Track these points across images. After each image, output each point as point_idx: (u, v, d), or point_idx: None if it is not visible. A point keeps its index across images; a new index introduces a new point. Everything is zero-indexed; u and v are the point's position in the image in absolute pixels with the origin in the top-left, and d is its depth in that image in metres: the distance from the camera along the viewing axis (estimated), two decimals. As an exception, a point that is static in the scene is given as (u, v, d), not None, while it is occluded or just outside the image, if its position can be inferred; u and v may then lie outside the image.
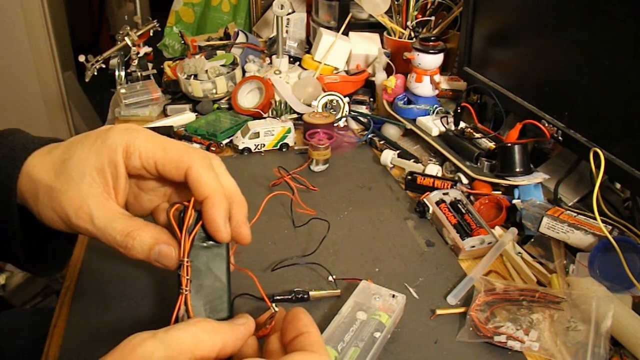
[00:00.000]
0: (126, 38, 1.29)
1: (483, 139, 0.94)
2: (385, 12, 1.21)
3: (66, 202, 0.40)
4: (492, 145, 0.92)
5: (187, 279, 0.39)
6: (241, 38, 1.39)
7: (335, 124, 1.09)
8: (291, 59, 1.35)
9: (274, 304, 0.42)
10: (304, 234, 0.78)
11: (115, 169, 0.41)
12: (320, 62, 1.26)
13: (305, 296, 0.65)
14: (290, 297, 0.65)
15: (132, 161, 0.41)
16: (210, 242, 0.41)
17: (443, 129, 1.00)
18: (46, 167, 0.42)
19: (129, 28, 1.31)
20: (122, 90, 1.22)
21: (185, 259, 0.40)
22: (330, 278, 0.69)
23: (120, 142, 0.41)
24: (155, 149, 0.42)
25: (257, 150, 1.03)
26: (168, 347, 0.31)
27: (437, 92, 1.07)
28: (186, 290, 0.39)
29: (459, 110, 1.01)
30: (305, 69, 1.28)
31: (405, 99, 1.10)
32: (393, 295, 0.62)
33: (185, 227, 0.40)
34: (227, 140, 1.06)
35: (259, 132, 1.02)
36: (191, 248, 0.40)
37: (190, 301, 0.39)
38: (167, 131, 1.05)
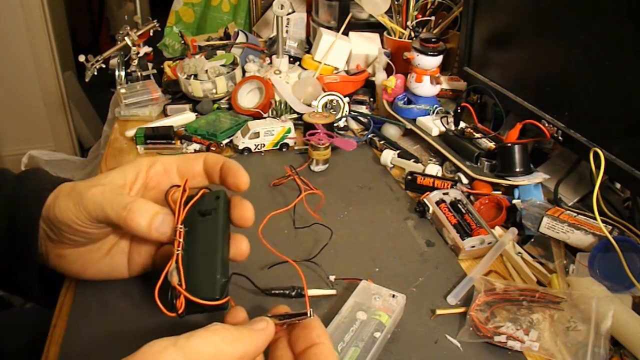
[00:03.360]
0: (126, 38, 1.29)
1: (483, 139, 0.94)
2: (385, 12, 1.21)
3: (85, 190, 0.46)
4: (492, 145, 0.92)
5: (180, 241, 0.44)
6: (241, 38, 1.39)
7: (335, 124, 1.09)
8: (291, 59, 1.35)
9: (311, 310, 0.43)
10: (305, 235, 0.78)
11: (136, 175, 0.48)
12: (320, 62, 1.26)
13: (303, 292, 0.64)
14: (287, 292, 0.64)
15: (155, 168, 0.49)
16: (208, 217, 0.46)
17: (443, 129, 1.00)
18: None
19: (129, 28, 1.31)
20: (122, 90, 1.22)
21: (179, 225, 0.45)
22: (330, 277, 0.69)
23: (146, 161, 0.50)
24: (173, 159, 0.51)
25: (257, 150, 1.03)
26: (189, 358, 0.31)
27: (438, 87, 1.07)
28: (178, 250, 0.44)
29: (459, 110, 1.01)
30: (305, 69, 1.28)
31: (405, 99, 1.10)
32: (393, 295, 0.62)
33: (180, 200, 0.46)
34: (227, 140, 1.06)
35: (259, 132, 1.02)
36: (185, 219, 0.46)
37: (182, 262, 0.43)
38: (167, 131, 1.05)
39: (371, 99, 1.21)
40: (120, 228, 0.45)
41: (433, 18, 1.21)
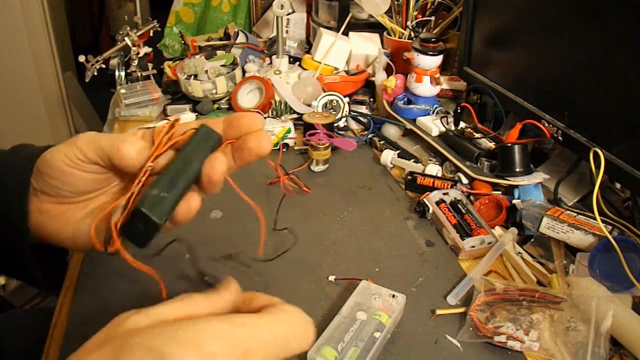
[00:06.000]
0: (126, 38, 1.29)
1: (483, 139, 0.94)
2: (385, 12, 1.20)
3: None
4: (492, 145, 0.92)
5: (141, 180, 0.42)
6: (241, 38, 1.39)
7: (335, 124, 1.09)
8: (291, 59, 1.35)
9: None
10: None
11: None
12: (320, 62, 1.26)
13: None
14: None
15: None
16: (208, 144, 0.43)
17: (443, 129, 1.00)
18: None
19: (129, 28, 1.31)
20: (122, 91, 1.22)
21: (148, 163, 0.43)
22: (330, 278, 0.69)
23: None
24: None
25: (257, 150, 1.03)
26: (151, 318, 0.33)
27: (438, 88, 1.07)
28: (134, 189, 0.42)
29: (459, 110, 1.01)
30: (305, 69, 1.28)
31: (405, 99, 1.10)
32: (393, 295, 0.62)
33: (162, 137, 0.44)
34: (227, 141, 1.06)
35: (259, 132, 1.01)
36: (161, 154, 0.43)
37: (138, 197, 0.41)
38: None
39: (371, 99, 1.21)
40: (109, 172, 0.45)
41: (433, 18, 1.21)
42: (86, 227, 0.45)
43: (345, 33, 1.30)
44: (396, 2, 1.21)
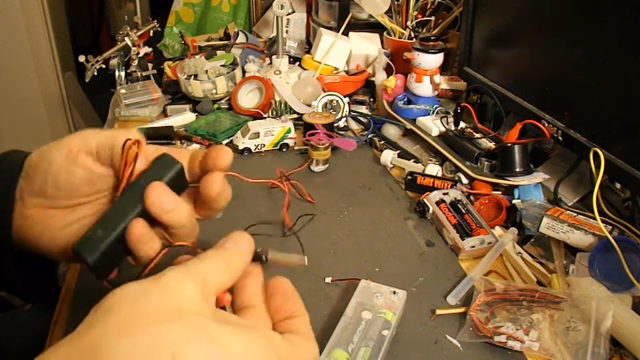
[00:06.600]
0: (126, 38, 1.29)
1: (483, 139, 0.94)
2: (385, 12, 1.20)
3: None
4: (492, 145, 0.92)
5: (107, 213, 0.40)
6: (241, 38, 1.39)
7: (335, 124, 1.09)
8: (291, 59, 1.35)
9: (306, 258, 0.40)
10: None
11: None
12: (320, 62, 1.26)
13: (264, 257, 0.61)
14: None
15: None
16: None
17: (443, 129, 1.00)
18: None
19: (129, 28, 1.31)
20: (122, 91, 1.22)
21: (117, 193, 0.40)
22: (327, 280, 0.69)
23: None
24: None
25: (257, 150, 1.03)
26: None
27: (436, 92, 1.07)
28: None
29: (459, 110, 1.01)
30: (305, 69, 1.27)
31: (405, 99, 1.10)
32: (394, 292, 0.62)
33: (127, 164, 0.40)
34: (227, 141, 1.06)
35: (259, 132, 1.02)
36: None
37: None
38: (167, 131, 1.05)
39: (371, 99, 1.21)
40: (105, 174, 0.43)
41: (433, 18, 1.21)
42: (66, 236, 0.44)
43: (345, 33, 1.30)
44: (396, 2, 1.21)
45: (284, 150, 1.04)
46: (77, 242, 0.38)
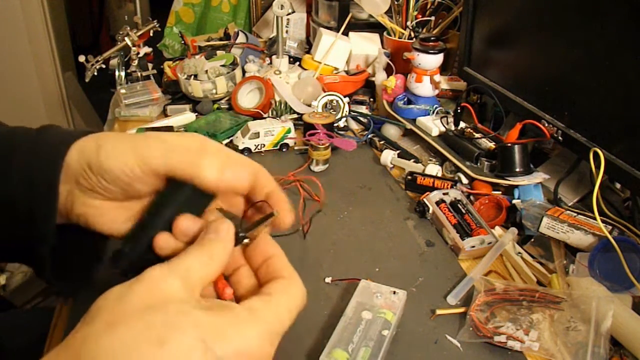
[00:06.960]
0: (126, 38, 1.29)
1: (483, 139, 0.94)
2: (385, 12, 1.20)
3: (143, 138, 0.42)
4: (492, 145, 0.92)
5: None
6: (241, 38, 1.39)
7: (335, 124, 1.09)
8: (291, 59, 1.35)
9: (275, 210, 0.40)
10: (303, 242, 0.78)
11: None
12: (320, 62, 1.26)
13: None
14: None
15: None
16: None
17: (443, 129, 1.00)
18: None
19: (129, 28, 1.31)
20: (122, 91, 1.22)
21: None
22: (326, 280, 0.69)
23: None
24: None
25: (257, 150, 1.03)
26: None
27: (437, 92, 1.07)
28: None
29: (459, 110, 1.01)
30: (305, 69, 1.27)
31: (405, 99, 1.10)
32: (394, 292, 0.62)
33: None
34: (227, 141, 1.06)
35: (259, 132, 1.02)
36: None
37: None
38: (167, 131, 1.05)
39: (371, 99, 1.21)
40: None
41: (433, 18, 1.21)
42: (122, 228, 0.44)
43: (345, 33, 1.30)
44: (396, 2, 1.21)
45: (284, 150, 1.04)
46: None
